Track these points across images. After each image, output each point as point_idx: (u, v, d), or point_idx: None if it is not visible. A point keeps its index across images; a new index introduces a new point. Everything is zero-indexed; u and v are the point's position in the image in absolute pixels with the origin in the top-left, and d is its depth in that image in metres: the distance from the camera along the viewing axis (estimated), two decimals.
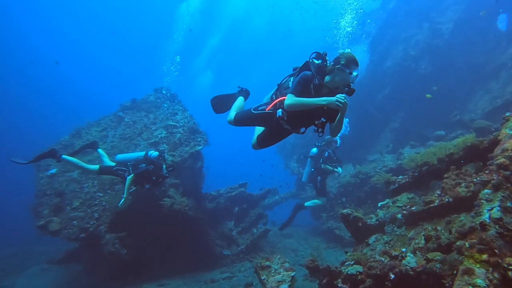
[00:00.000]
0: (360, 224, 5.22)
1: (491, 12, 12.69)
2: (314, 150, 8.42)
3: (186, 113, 10.09)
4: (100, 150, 7.62)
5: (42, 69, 39.88)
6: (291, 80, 3.44)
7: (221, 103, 4.34)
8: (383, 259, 4.04)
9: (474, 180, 3.71)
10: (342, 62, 3.02)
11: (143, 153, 6.95)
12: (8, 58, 36.58)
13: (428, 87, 13.63)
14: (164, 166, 6.75)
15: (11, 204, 21.98)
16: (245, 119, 3.78)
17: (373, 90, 15.13)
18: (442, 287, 3.03)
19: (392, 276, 3.57)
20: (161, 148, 9.18)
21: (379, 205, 5.87)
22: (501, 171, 3.12)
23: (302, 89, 3.12)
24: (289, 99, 3.08)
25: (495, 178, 3.13)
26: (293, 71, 3.60)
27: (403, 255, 3.77)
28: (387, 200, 5.72)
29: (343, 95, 2.91)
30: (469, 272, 2.62)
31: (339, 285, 4.37)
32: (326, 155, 8.19)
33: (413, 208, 4.48)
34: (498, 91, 12.99)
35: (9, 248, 12.54)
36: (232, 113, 3.98)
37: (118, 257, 7.37)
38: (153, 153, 6.78)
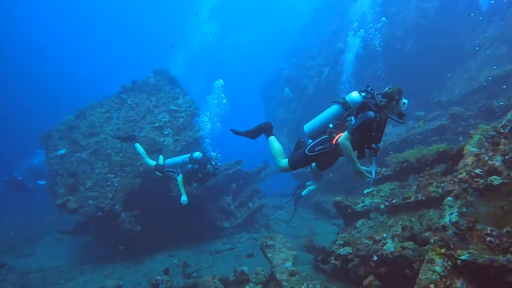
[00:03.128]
0: (349, 210, 6.26)
1: None
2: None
3: (187, 97, 10.63)
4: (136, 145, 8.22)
5: (40, 49, 38.48)
6: (352, 119, 3.82)
7: (244, 134, 4.52)
8: (368, 242, 5.10)
9: (442, 185, 4.71)
10: (397, 98, 3.61)
11: (188, 155, 7.65)
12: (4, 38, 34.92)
13: (412, 66, 14.46)
14: (210, 165, 7.33)
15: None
16: (303, 163, 4.13)
17: (361, 67, 15.78)
18: (412, 269, 4.09)
19: (375, 257, 4.62)
20: (165, 132, 9.85)
21: (365, 192, 6.91)
22: (461, 184, 4.10)
23: (364, 131, 3.61)
24: (345, 138, 3.57)
25: (456, 188, 4.12)
26: (335, 102, 4.08)
27: (384, 241, 4.81)
28: (372, 188, 6.77)
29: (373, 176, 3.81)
30: (431, 261, 3.65)
31: (332, 261, 5.47)
32: None
33: (394, 201, 5.50)
34: (475, 71, 13.89)
35: (19, 218, 13.28)
36: (282, 162, 4.10)
37: (134, 233, 8.30)
38: (198, 154, 7.48)
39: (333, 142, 3.78)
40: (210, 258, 8.56)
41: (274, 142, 4.28)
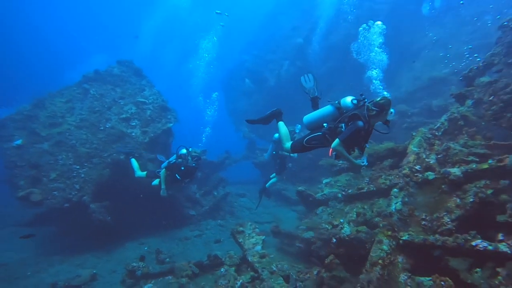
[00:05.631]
0: (311, 198, 7.07)
1: None
2: (276, 135, 9.83)
3: (153, 89, 10.69)
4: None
5: None
6: (343, 126, 4.15)
7: (258, 122, 5.05)
8: (327, 226, 5.92)
9: (390, 177, 5.63)
10: (387, 109, 3.95)
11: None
12: None
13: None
14: (190, 157, 7.54)
15: None
16: (301, 150, 4.73)
17: (318, 62, 16.70)
18: (365, 249, 4.95)
19: (334, 240, 5.45)
20: (133, 124, 9.93)
21: (323, 181, 7.75)
22: (405, 178, 4.99)
23: (352, 139, 4.02)
24: (337, 145, 4.04)
25: (401, 182, 5.01)
26: (330, 103, 4.44)
27: (341, 225, 5.65)
28: (330, 178, 7.62)
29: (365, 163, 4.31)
30: (380, 242, 4.50)
31: (297, 244, 6.24)
32: None
33: (350, 190, 6.38)
34: (419, 71, 15.46)
35: None
36: (287, 144, 4.79)
37: (104, 223, 8.46)
38: (182, 150, 7.68)
39: (330, 154, 4.31)
40: (180, 244, 9.00)
41: (282, 126, 4.94)
